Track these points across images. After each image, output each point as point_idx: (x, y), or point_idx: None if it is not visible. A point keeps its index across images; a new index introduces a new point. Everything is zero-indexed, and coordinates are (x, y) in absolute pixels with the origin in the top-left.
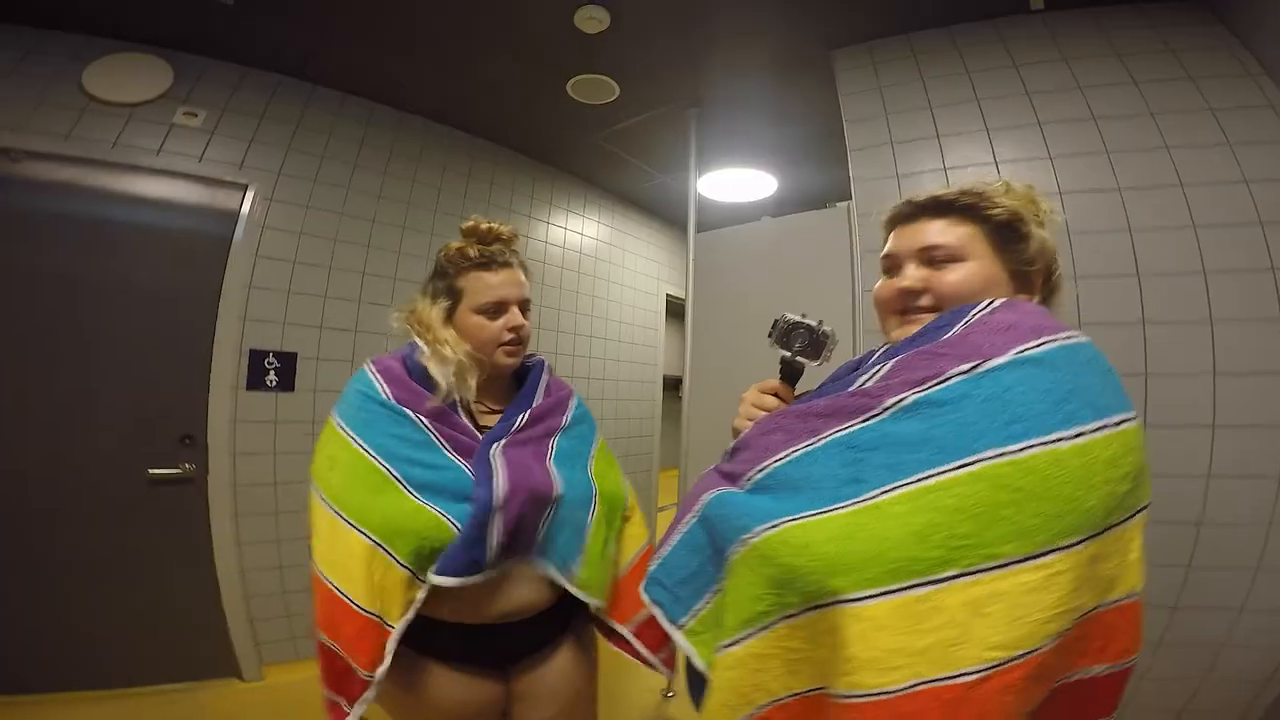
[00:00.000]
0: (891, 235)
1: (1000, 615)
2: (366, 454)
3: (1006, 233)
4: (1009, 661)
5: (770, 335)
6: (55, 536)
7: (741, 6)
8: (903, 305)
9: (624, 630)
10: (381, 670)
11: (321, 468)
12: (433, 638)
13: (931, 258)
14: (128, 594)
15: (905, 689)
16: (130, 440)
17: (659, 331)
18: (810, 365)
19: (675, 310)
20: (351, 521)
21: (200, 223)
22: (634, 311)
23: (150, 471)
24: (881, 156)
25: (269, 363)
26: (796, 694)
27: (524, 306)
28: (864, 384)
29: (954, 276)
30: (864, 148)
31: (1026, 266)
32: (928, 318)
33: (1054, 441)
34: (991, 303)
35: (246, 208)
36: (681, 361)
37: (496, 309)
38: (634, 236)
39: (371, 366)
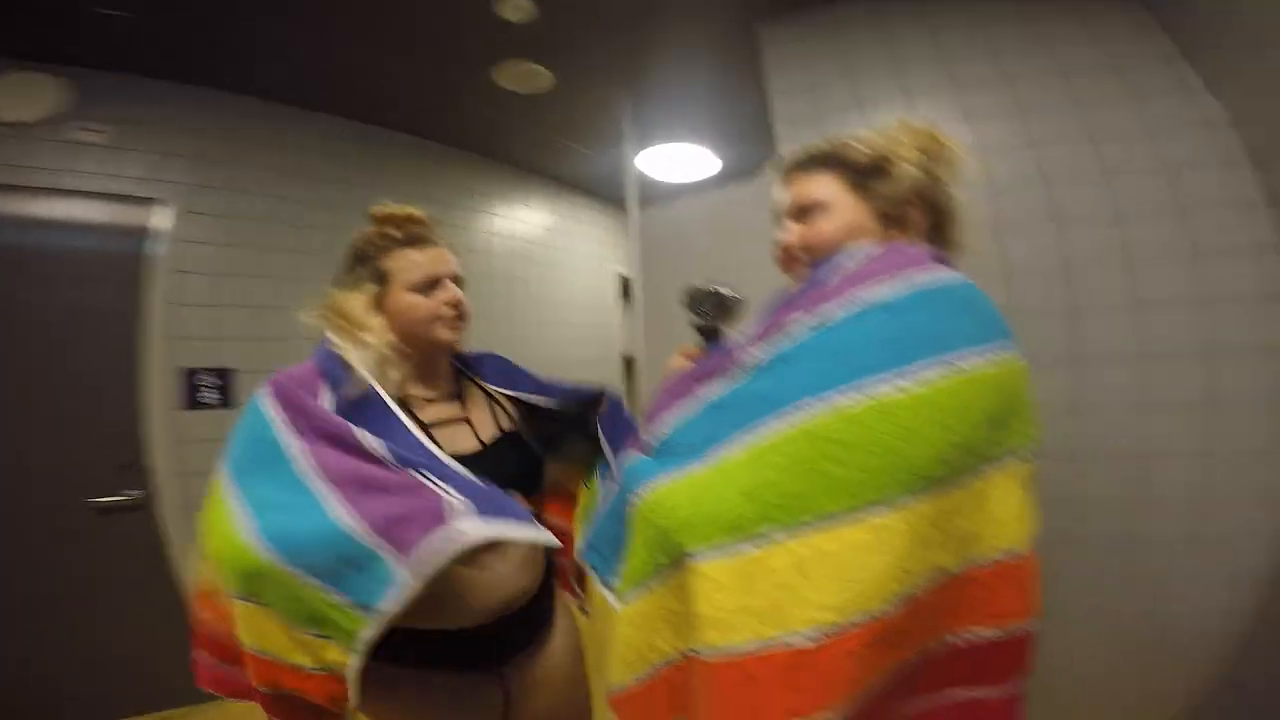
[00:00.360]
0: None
1: (827, 576)
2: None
3: (870, 175)
4: (845, 626)
5: (684, 304)
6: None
7: None
8: (788, 260)
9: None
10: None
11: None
12: (410, 644)
13: (801, 211)
14: (92, 628)
15: (751, 650)
16: (63, 471)
17: (613, 312)
18: (725, 329)
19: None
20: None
21: (113, 241)
22: (585, 294)
23: (91, 501)
24: (805, 127)
25: (204, 380)
26: (687, 655)
27: (459, 283)
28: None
29: (821, 227)
30: (789, 119)
31: (896, 208)
32: (804, 268)
33: (882, 390)
34: (859, 250)
35: (161, 222)
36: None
37: (430, 284)
38: (577, 220)
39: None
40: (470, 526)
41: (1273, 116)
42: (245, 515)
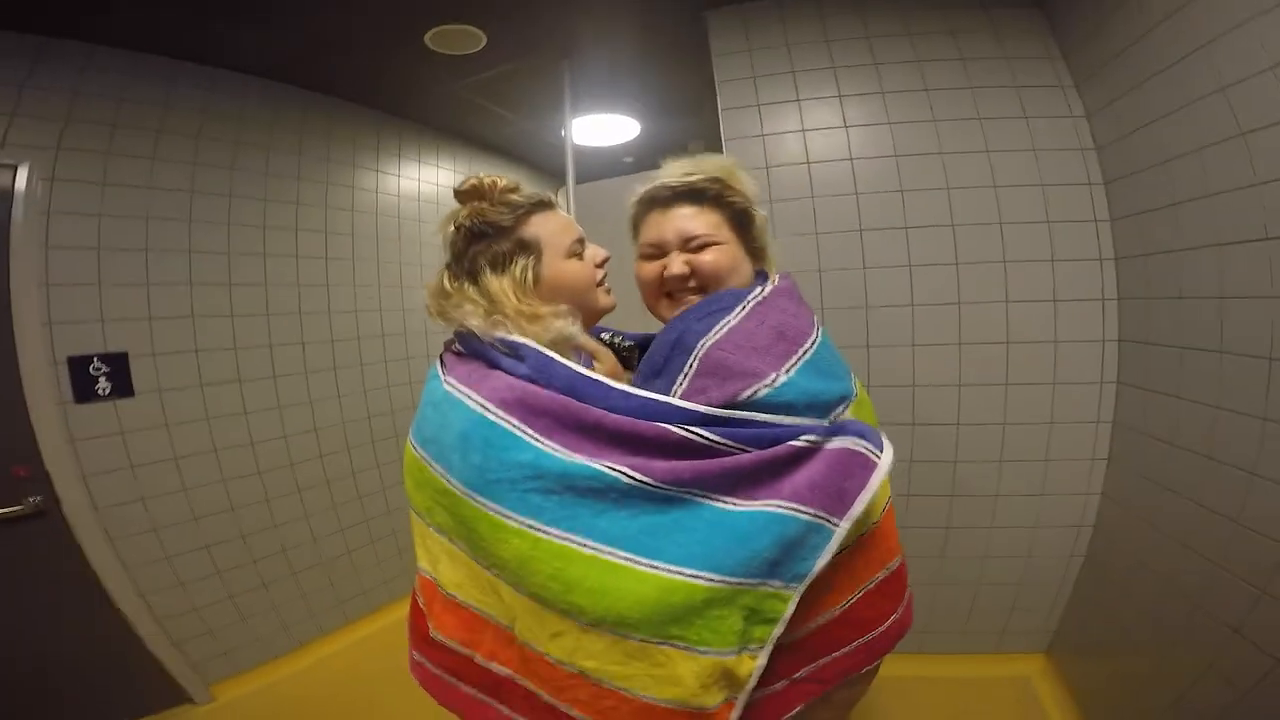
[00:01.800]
0: (650, 218)
1: None
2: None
3: (743, 218)
4: None
5: None
6: None
7: None
8: (672, 289)
9: None
10: None
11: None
12: None
13: (692, 243)
14: (17, 651)
15: None
16: None
17: None
18: None
19: None
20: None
21: None
22: None
23: None
24: (749, 116)
25: (95, 369)
26: None
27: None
28: (678, 386)
29: (709, 257)
30: (734, 107)
31: (756, 244)
32: (695, 297)
33: None
34: (760, 291)
35: (20, 189)
36: None
37: (580, 246)
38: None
39: (499, 411)
40: (885, 454)
41: (1124, 111)
42: (623, 555)
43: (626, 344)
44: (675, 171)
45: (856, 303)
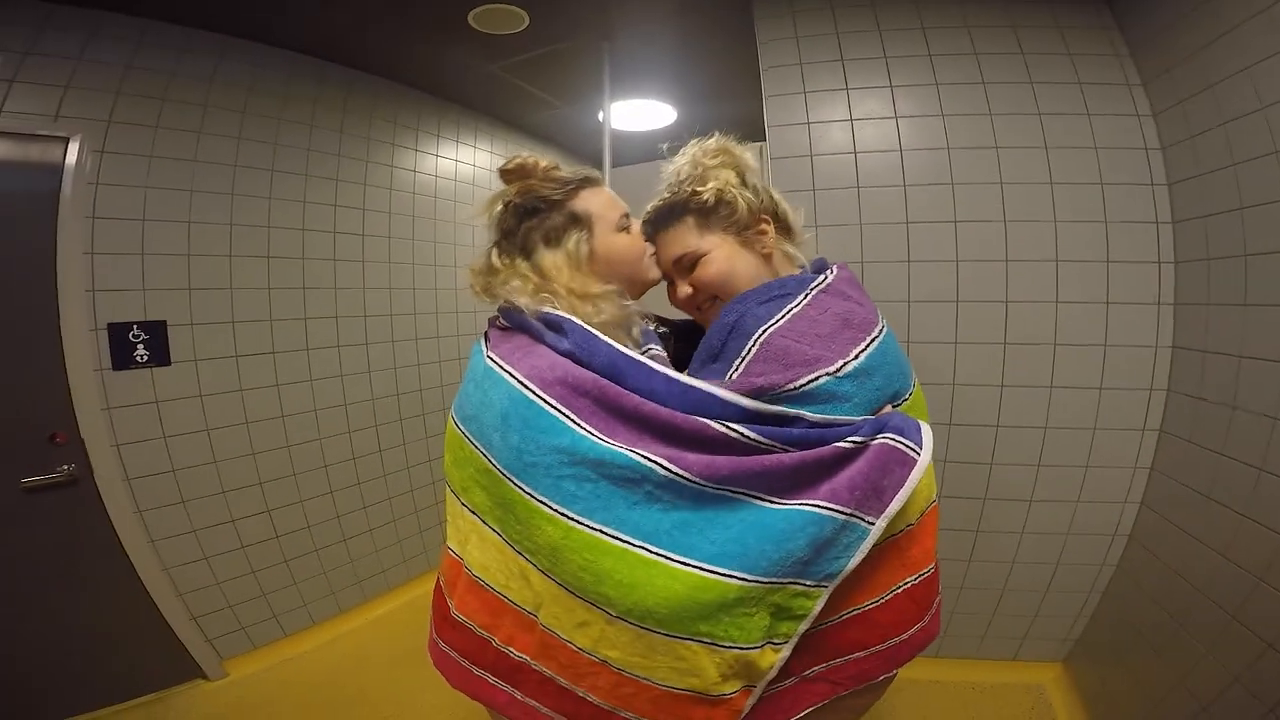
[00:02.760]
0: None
1: None
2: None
3: (717, 210)
4: None
5: None
6: None
7: None
8: (695, 306)
9: None
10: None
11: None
12: None
13: (682, 265)
14: (39, 619)
15: None
16: None
17: None
18: None
19: None
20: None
21: (11, 184)
22: None
23: (23, 482)
24: (794, 104)
25: (134, 336)
26: None
27: None
28: (734, 371)
29: (705, 272)
30: (778, 94)
31: (747, 228)
32: (712, 303)
33: None
34: (823, 279)
35: (71, 162)
36: None
37: (627, 220)
38: None
39: (544, 395)
40: (924, 452)
41: (1193, 112)
42: (656, 550)
43: (661, 330)
44: (662, 185)
45: (899, 296)
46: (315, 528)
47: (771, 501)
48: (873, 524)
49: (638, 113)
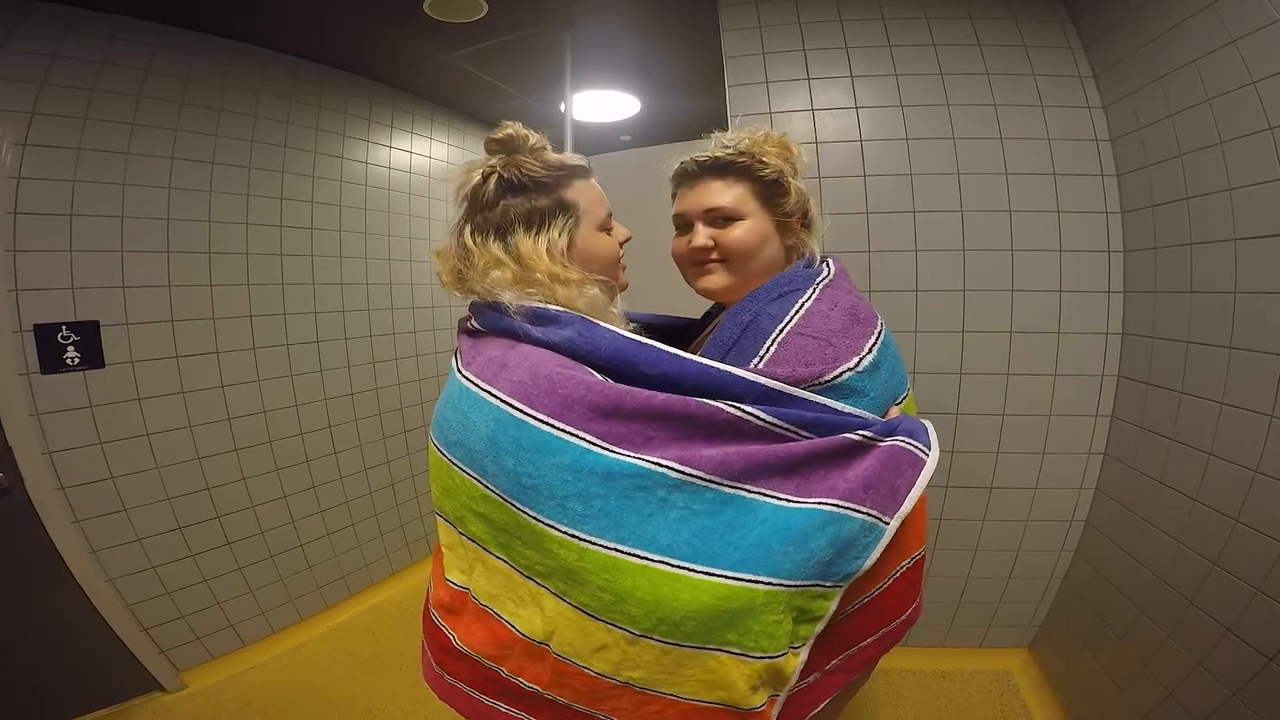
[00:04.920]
0: (679, 194)
1: None
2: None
3: (773, 189)
4: None
5: None
6: None
7: None
8: (697, 259)
9: None
10: None
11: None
12: None
13: (715, 217)
14: None
15: None
16: None
17: None
18: None
19: None
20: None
21: None
22: None
23: None
24: (757, 94)
25: (64, 337)
26: None
27: None
28: (760, 359)
29: (736, 234)
30: (741, 84)
31: (787, 218)
32: (719, 268)
33: None
34: (827, 272)
35: None
36: None
37: (609, 222)
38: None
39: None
40: (933, 453)
41: (1142, 104)
42: (677, 563)
43: (632, 326)
44: (711, 146)
45: (860, 285)
46: (269, 533)
47: (789, 500)
48: (888, 524)
49: (601, 104)
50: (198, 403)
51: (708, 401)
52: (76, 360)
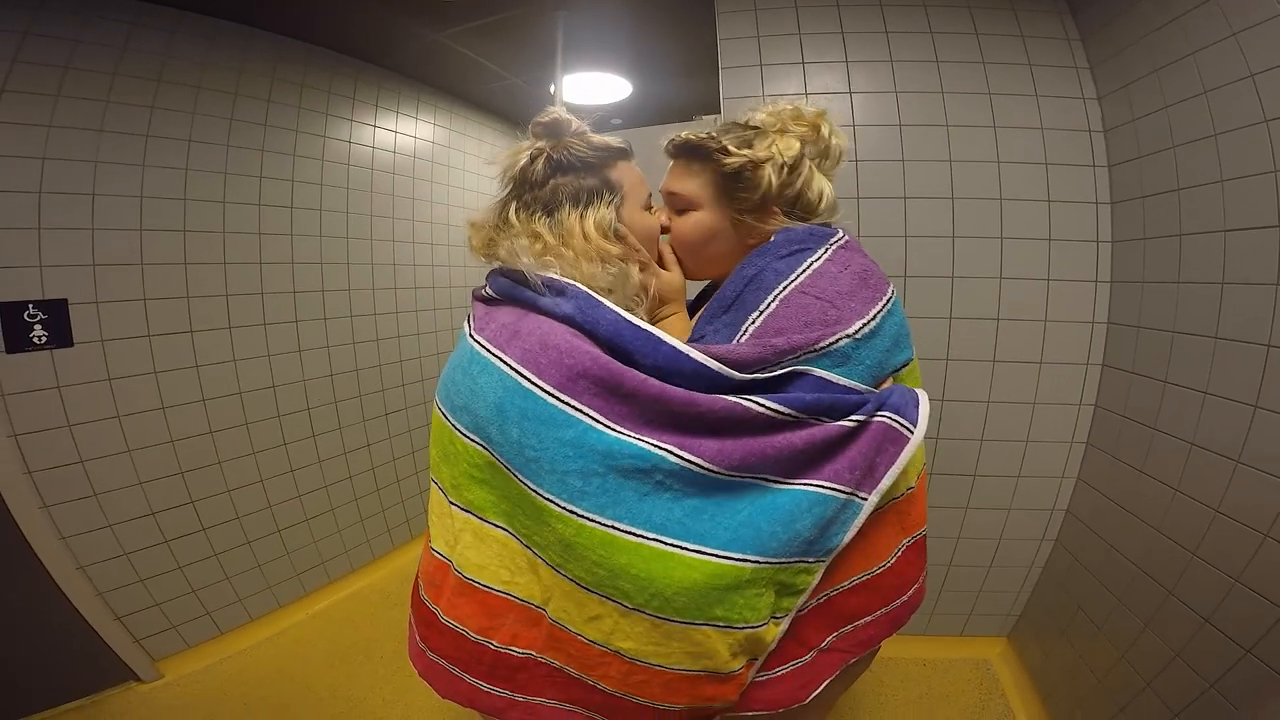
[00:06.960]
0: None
1: None
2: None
3: (734, 182)
4: None
5: None
6: None
7: None
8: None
9: None
10: None
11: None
12: None
13: (674, 200)
14: None
15: None
16: None
17: None
18: None
19: None
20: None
21: None
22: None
23: None
24: (750, 77)
25: (30, 315)
26: None
27: None
28: (752, 324)
29: (682, 225)
30: (734, 66)
31: (755, 207)
32: (671, 250)
33: None
34: (842, 235)
35: None
36: None
37: (650, 204)
38: (475, 139)
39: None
40: (918, 430)
41: (1137, 95)
42: (669, 541)
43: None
44: (715, 124)
45: None
46: (245, 518)
47: (779, 483)
48: (865, 499)
49: (592, 85)
50: (171, 383)
51: (712, 396)
52: (44, 339)
